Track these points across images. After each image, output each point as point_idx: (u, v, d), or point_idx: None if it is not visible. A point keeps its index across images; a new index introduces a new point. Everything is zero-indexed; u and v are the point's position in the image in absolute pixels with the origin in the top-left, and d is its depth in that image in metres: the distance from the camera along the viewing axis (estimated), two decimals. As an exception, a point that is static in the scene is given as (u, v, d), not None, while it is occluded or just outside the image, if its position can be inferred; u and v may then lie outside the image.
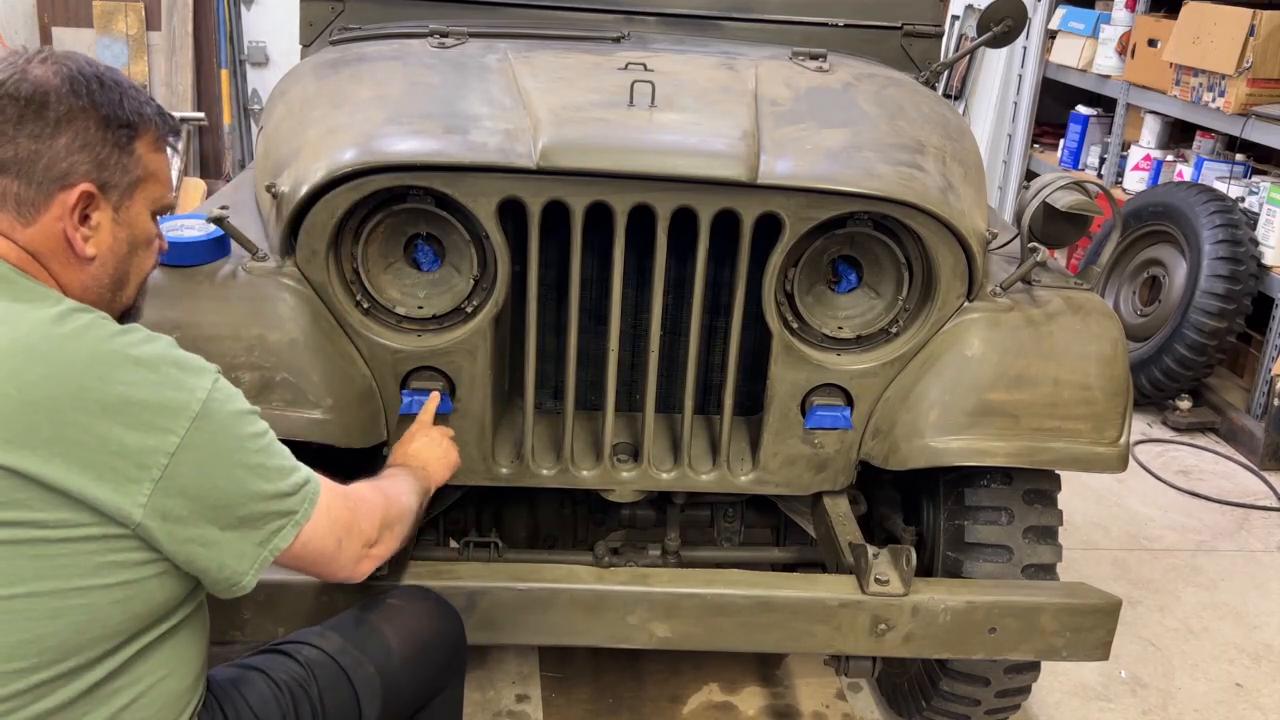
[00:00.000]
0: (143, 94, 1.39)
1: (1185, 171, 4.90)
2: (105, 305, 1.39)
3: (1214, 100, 4.58)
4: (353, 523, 1.49)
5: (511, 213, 1.94)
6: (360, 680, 1.56)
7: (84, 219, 1.33)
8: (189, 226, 1.96)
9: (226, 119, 6.14)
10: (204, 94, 6.17)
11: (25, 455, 1.17)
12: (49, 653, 1.22)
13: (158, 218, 1.45)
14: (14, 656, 1.21)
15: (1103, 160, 5.56)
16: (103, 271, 1.37)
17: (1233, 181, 4.56)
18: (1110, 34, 5.42)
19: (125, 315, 1.44)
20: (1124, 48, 5.33)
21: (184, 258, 1.92)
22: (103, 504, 1.21)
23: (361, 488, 1.58)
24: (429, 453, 1.89)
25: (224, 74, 6.11)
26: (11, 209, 1.29)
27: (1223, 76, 4.49)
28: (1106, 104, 5.62)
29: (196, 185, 5.68)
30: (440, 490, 2.17)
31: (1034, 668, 2.28)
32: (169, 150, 1.44)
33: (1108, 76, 5.44)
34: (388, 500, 1.61)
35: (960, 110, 5.97)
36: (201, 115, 5.77)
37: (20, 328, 1.23)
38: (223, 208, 1.89)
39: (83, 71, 1.32)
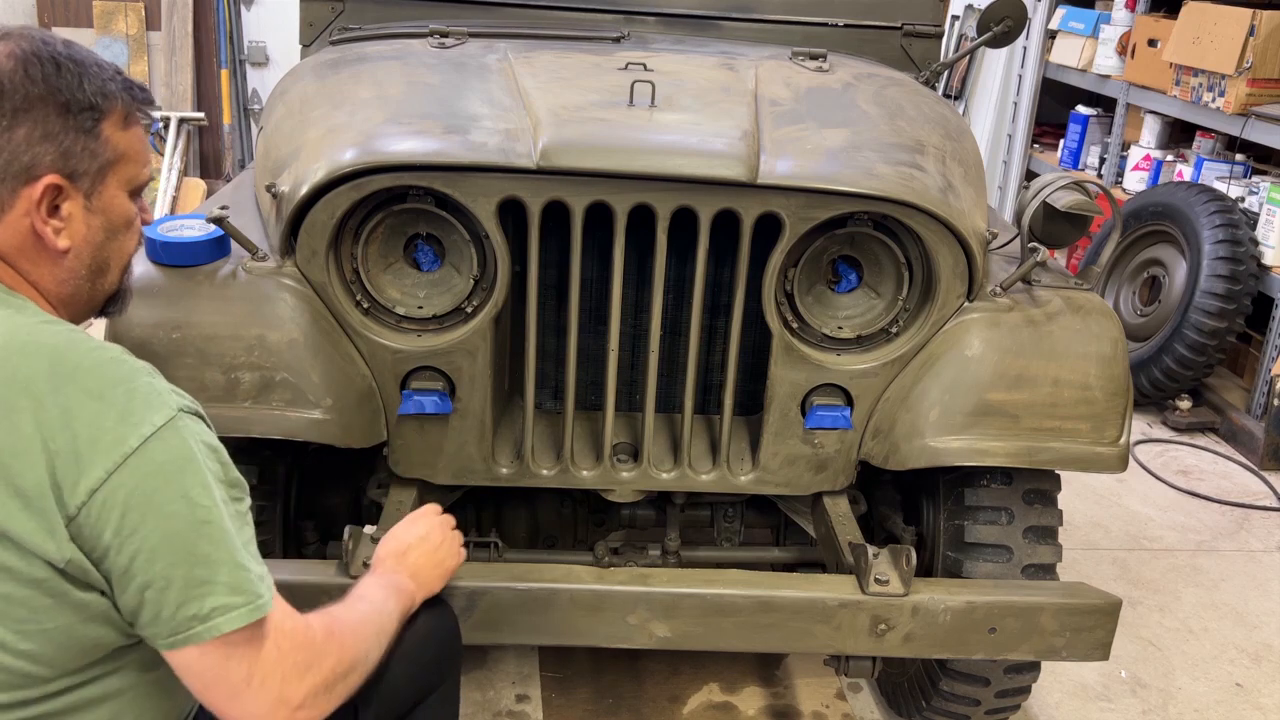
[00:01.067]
0: (106, 68, 1.30)
1: (1185, 171, 4.90)
2: (86, 296, 1.34)
3: (1214, 100, 4.58)
4: (276, 665, 1.25)
5: (511, 213, 1.94)
6: None
7: (53, 211, 1.26)
8: (189, 226, 1.96)
9: (226, 119, 6.14)
10: (204, 94, 6.17)
11: None
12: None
13: (136, 197, 1.37)
14: None
15: (1103, 160, 5.56)
16: (79, 263, 1.30)
17: (1233, 181, 4.56)
18: (1110, 34, 5.42)
19: (111, 301, 1.40)
20: (1124, 48, 5.33)
21: (184, 258, 1.92)
22: (25, 539, 1.13)
23: (314, 629, 1.32)
24: (423, 560, 1.70)
25: (224, 74, 6.12)
26: None
27: (1223, 76, 4.49)
28: (1106, 104, 5.62)
29: (196, 185, 5.69)
30: (440, 490, 2.18)
31: (1034, 668, 2.28)
32: (142, 124, 1.35)
33: (1108, 76, 5.44)
34: (341, 651, 1.34)
35: (960, 110, 5.97)
36: (201, 115, 5.77)
37: None
38: (223, 208, 1.89)
39: (38, 54, 1.24)
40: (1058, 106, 6.10)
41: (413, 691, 1.63)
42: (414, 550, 1.70)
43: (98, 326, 1.79)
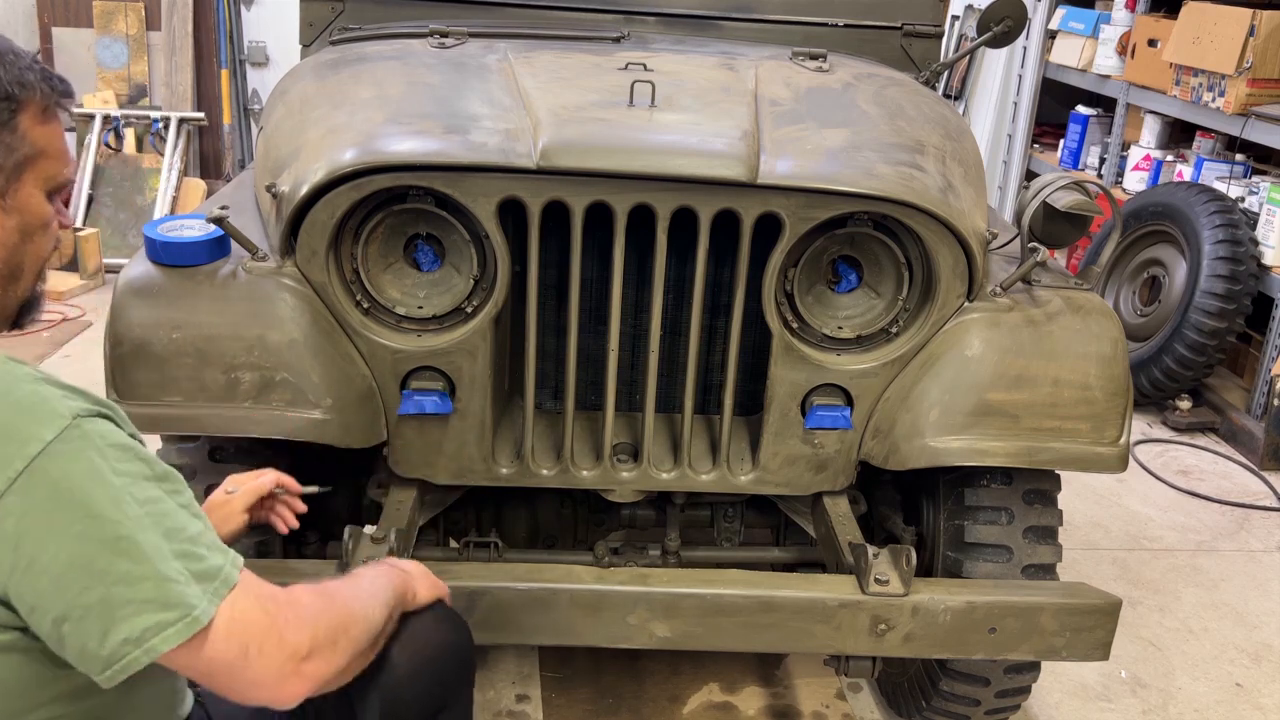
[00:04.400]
0: (23, 57, 1.20)
1: (1185, 171, 4.90)
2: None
3: (1214, 100, 4.58)
4: (269, 628, 1.18)
5: (511, 213, 1.94)
6: (362, 697, 1.47)
7: None
8: (189, 226, 1.96)
9: (226, 119, 6.14)
10: (204, 94, 6.17)
11: None
12: None
13: (54, 197, 1.27)
14: None
15: (1103, 160, 5.56)
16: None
17: (1233, 181, 4.56)
18: (1110, 34, 5.42)
19: (24, 309, 1.29)
20: (1124, 48, 5.33)
21: (184, 258, 1.92)
22: None
23: (296, 590, 1.27)
24: (412, 564, 1.64)
25: (224, 74, 6.12)
26: None
27: (1223, 76, 4.49)
28: (1106, 104, 5.62)
29: (196, 185, 5.69)
30: (440, 490, 2.18)
31: (1034, 668, 2.28)
32: (60, 118, 1.24)
33: (1108, 76, 5.44)
34: (331, 605, 1.29)
35: (960, 110, 5.97)
36: (201, 115, 5.78)
37: None
38: (223, 208, 1.89)
39: None
40: (1058, 106, 6.10)
41: (425, 710, 1.58)
42: (405, 561, 1.64)
43: (98, 328, 1.78)
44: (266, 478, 1.81)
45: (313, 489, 1.92)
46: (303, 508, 1.87)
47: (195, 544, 1.15)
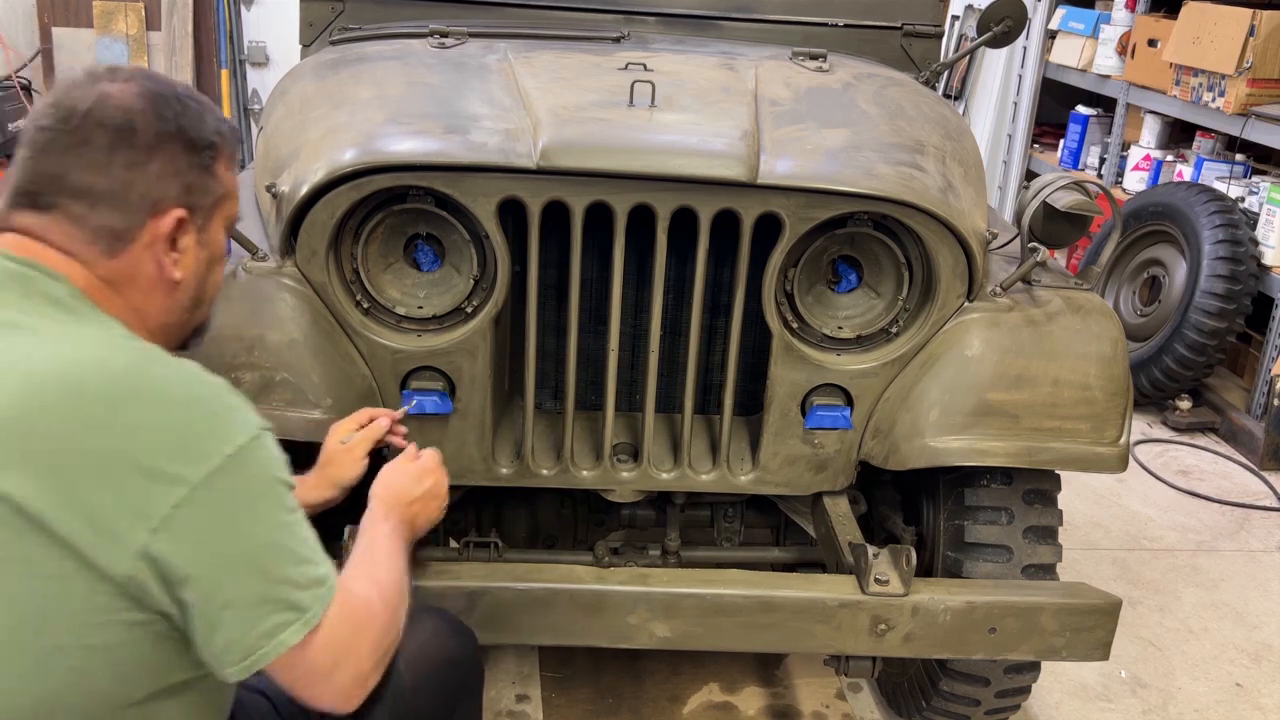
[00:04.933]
0: (214, 108, 1.37)
1: (1185, 171, 4.90)
2: (182, 325, 1.38)
3: (1214, 100, 4.58)
4: (353, 648, 1.30)
5: (511, 213, 1.94)
6: (368, 711, 1.43)
7: (171, 244, 1.30)
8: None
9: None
10: (204, 94, 6.17)
11: (24, 488, 1.10)
12: (27, 712, 1.14)
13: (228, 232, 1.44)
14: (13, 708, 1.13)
15: (1103, 160, 5.56)
16: (185, 295, 1.35)
17: (1233, 181, 4.56)
18: (1110, 34, 5.42)
19: (196, 332, 1.44)
20: (1124, 48, 5.33)
21: (184, 258, 1.91)
22: (90, 550, 1.11)
23: (365, 597, 1.36)
24: (421, 511, 1.70)
25: (224, 74, 6.12)
26: (101, 241, 1.26)
27: (1223, 76, 4.49)
28: (1106, 104, 5.62)
29: (196, 185, 5.68)
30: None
31: (1034, 668, 2.28)
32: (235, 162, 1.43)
33: (1108, 76, 5.44)
34: (390, 616, 1.39)
35: (960, 110, 5.97)
36: (201, 115, 5.77)
37: (51, 358, 1.16)
38: (223, 208, 1.89)
39: (163, 93, 1.30)
40: (1058, 106, 6.10)
41: (433, 716, 1.59)
42: (417, 503, 1.69)
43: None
44: (380, 421, 1.87)
45: (410, 408, 1.96)
46: (404, 430, 1.94)
47: (314, 551, 1.26)
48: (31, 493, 1.10)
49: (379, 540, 1.54)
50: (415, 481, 1.71)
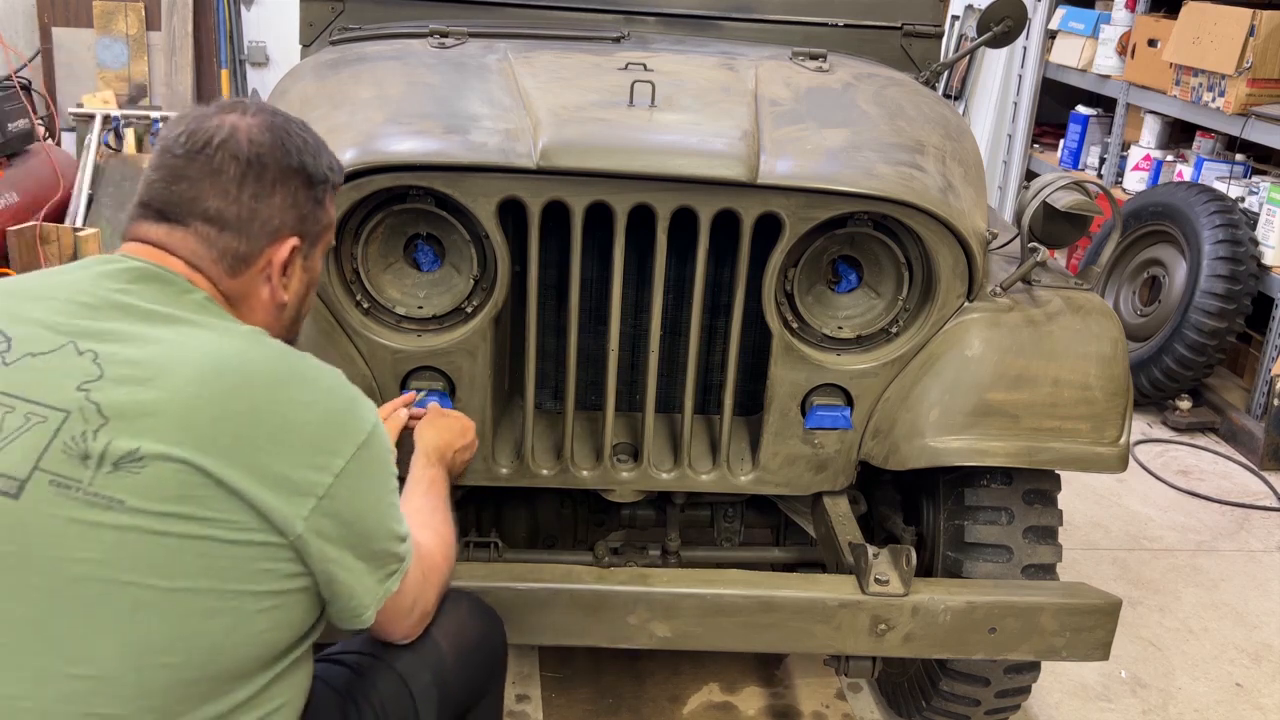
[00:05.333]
0: (326, 145, 1.51)
1: (1185, 171, 4.90)
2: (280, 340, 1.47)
3: (1214, 100, 4.58)
4: (424, 590, 1.51)
5: (511, 213, 1.94)
6: (418, 687, 1.56)
7: (282, 269, 1.43)
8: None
9: (226, 119, 6.13)
10: (204, 94, 6.17)
11: (211, 456, 1.21)
12: (198, 653, 1.23)
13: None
14: (168, 650, 1.21)
15: (1103, 160, 5.56)
16: (287, 315, 1.49)
17: (1233, 181, 4.56)
18: (1110, 34, 5.42)
19: (290, 345, 1.50)
20: (1124, 48, 5.33)
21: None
22: (271, 512, 1.24)
23: (429, 546, 1.56)
24: (460, 459, 1.88)
25: (224, 74, 6.12)
26: (225, 262, 1.38)
27: (1223, 76, 4.49)
28: (1106, 104, 5.62)
29: (196, 185, 5.67)
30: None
31: (1034, 668, 2.28)
32: None
33: (1108, 76, 5.44)
34: (448, 563, 1.61)
35: (960, 110, 5.97)
36: (201, 115, 5.77)
37: (219, 345, 1.29)
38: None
39: (286, 129, 1.43)
40: (1058, 106, 6.10)
41: (468, 699, 1.66)
42: (462, 451, 1.88)
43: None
44: (401, 413, 1.93)
45: (423, 394, 2.00)
46: (422, 411, 2.00)
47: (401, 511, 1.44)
48: (220, 462, 1.22)
49: (432, 490, 1.73)
50: (453, 430, 1.87)
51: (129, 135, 5.70)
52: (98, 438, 1.20)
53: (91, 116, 5.64)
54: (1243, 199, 4.46)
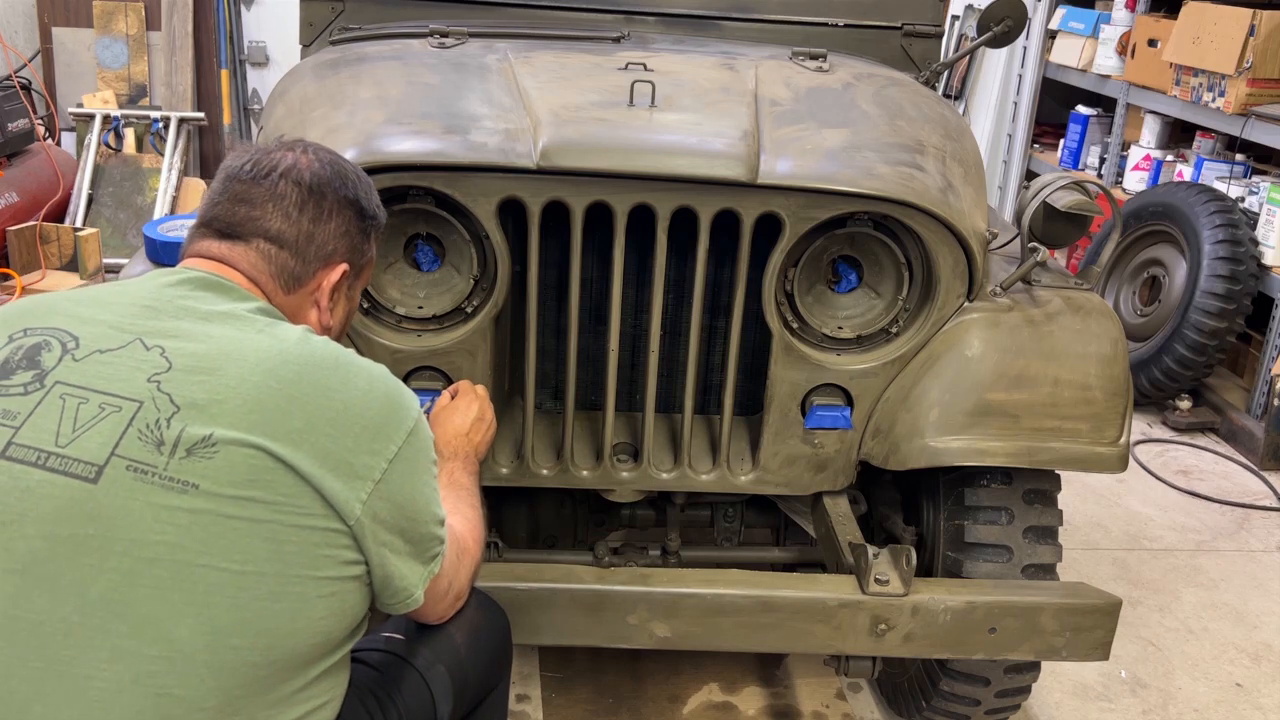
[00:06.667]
0: (374, 188, 1.60)
1: (1185, 171, 4.90)
2: None
3: (1214, 100, 4.58)
4: (458, 573, 1.56)
5: (511, 213, 1.94)
6: (434, 679, 1.59)
7: (330, 294, 1.53)
8: (189, 226, 1.96)
9: (226, 119, 6.14)
10: (204, 94, 6.17)
11: (280, 441, 1.26)
12: (264, 636, 1.25)
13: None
14: (237, 632, 1.24)
15: (1103, 160, 5.56)
16: (329, 337, 1.50)
17: (1233, 181, 4.56)
18: (1110, 34, 5.42)
19: None
20: (1124, 48, 5.33)
21: (184, 258, 1.91)
22: (333, 496, 1.28)
23: (459, 530, 1.60)
24: (480, 438, 1.89)
25: (224, 74, 6.11)
26: (282, 278, 1.48)
27: (1223, 76, 4.49)
28: (1106, 104, 5.61)
29: (196, 185, 5.68)
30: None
31: (1034, 668, 2.28)
32: None
33: (1108, 76, 5.44)
34: (478, 545, 1.65)
35: (960, 110, 5.97)
36: (201, 115, 5.77)
37: (278, 339, 1.35)
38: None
39: (344, 166, 1.55)
40: (1058, 106, 6.10)
41: (480, 690, 1.70)
42: (473, 433, 1.88)
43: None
44: None
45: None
46: (427, 405, 2.02)
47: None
48: (288, 447, 1.26)
49: (456, 477, 1.77)
50: (464, 416, 1.88)
51: (129, 135, 5.70)
52: (171, 425, 1.24)
53: (91, 116, 5.64)
54: (1243, 199, 4.46)
